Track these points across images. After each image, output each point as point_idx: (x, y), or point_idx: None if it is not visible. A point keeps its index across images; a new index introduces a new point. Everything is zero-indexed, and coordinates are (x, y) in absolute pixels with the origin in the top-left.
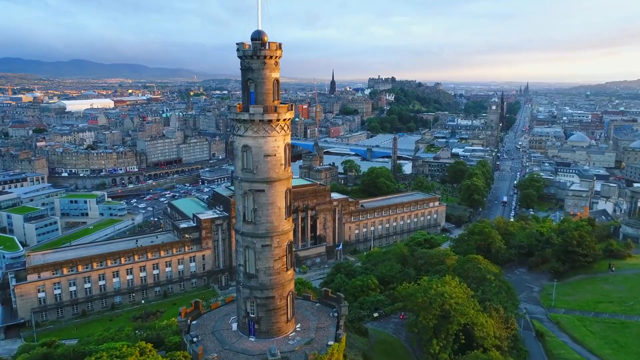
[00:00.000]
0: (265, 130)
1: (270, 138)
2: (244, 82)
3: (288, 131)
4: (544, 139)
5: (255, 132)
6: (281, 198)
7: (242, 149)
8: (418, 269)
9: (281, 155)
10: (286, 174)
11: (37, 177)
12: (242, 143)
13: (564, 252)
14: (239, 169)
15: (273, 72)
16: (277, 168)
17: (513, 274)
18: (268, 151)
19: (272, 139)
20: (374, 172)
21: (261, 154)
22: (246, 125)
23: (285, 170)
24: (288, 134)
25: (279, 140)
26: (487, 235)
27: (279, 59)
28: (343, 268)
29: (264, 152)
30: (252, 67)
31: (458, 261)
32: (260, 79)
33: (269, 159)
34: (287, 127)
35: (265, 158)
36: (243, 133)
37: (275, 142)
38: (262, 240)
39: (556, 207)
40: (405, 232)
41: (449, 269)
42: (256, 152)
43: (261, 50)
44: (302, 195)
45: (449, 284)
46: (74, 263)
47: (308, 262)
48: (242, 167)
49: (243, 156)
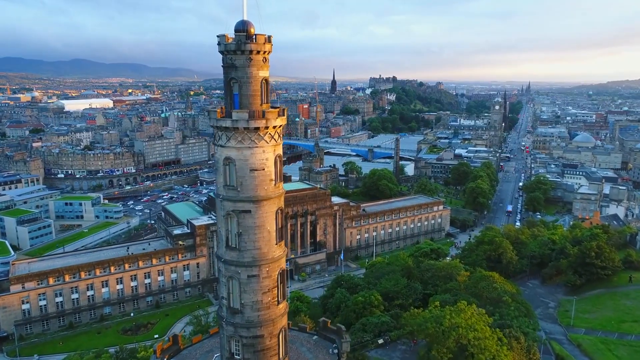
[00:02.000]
0: (251, 140)
1: (257, 149)
2: (226, 82)
3: (279, 140)
4: (548, 139)
5: (239, 142)
6: (271, 220)
7: (224, 162)
8: (425, 282)
9: (271, 170)
10: (277, 191)
11: (32, 178)
12: (224, 155)
13: (581, 265)
14: (221, 186)
15: (261, 70)
16: (266, 184)
17: (526, 287)
18: (255, 164)
19: (260, 150)
20: (375, 174)
21: (247, 168)
22: (228, 133)
23: (275, 186)
24: (279, 143)
25: (268, 152)
26: (498, 245)
27: (268, 54)
28: (344, 281)
29: (250, 165)
30: (236, 64)
31: (470, 278)
32: (246, 78)
33: (256, 173)
34: (278, 135)
35: (252, 173)
36: (225, 143)
37: (263, 154)
38: (248, 270)
39: (563, 211)
40: (409, 237)
41: (460, 287)
42: (241, 166)
43: (246, 43)
44: (302, 200)
45: (465, 312)
46: (61, 272)
47: (307, 269)
48: (224, 183)
49: (225, 170)
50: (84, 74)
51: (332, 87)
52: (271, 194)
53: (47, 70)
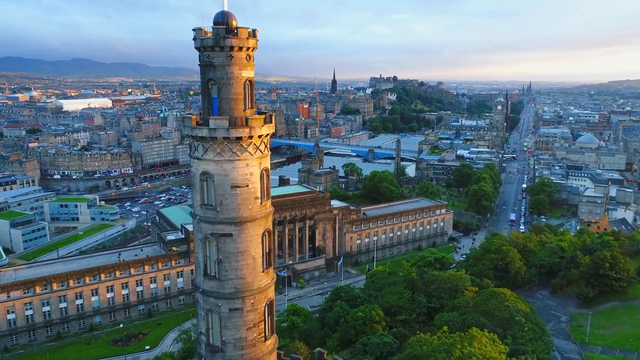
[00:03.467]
0: (232, 152)
1: (239, 162)
2: (203, 83)
3: (266, 152)
4: (551, 140)
5: (218, 154)
6: (256, 244)
7: (201, 178)
8: (429, 295)
9: (256, 186)
10: (263, 211)
11: (27, 179)
12: (201, 169)
13: (595, 276)
14: (198, 205)
15: (244, 69)
16: (251, 203)
17: (535, 298)
18: (237, 180)
19: (243, 164)
20: (376, 176)
21: (227, 184)
22: (205, 144)
23: (262, 205)
24: (266, 155)
25: (253, 165)
26: (505, 254)
27: (252, 51)
28: (344, 293)
29: (232, 181)
30: (214, 62)
31: (479, 295)
32: (226, 79)
33: (239, 191)
34: (264, 146)
35: (234, 190)
36: (202, 155)
37: (247, 168)
38: (229, 303)
39: (569, 214)
40: (410, 242)
41: (469, 304)
42: (220, 182)
43: (226, 38)
44: (300, 204)
45: (478, 339)
46: (48, 280)
47: (306, 275)
48: (201, 202)
49: (202, 187)
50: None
51: (333, 87)
52: (256, 214)
53: (48, 69)
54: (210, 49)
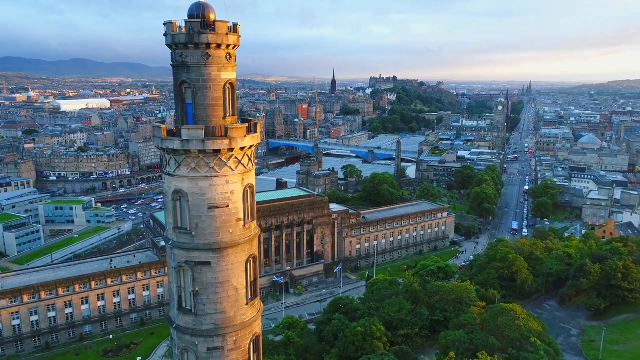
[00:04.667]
0: (209, 167)
1: (218, 178)
2: (176, 86)
3: (250, 166)
4: (552, 140)
5: (193, 170)
6: (238, 272)
7: (174, 197)
8: (432, 307)
9: (238, 206)
10: (246, 234)
11: (22, 181)
12: (173, 187)
13: (606, 286)
14: (170, 228)
15: (223, 70)
16: (232, 226)
17: (542, 309)
18: (215, 200)
19: (222, 180)
20: (376, 178)
21: (203, 204)
22: (178, 157)
23: (245, 227)
24: (249, 170)
25: (234, 182)
26: (511, 262)
27: (234, 48)
28: (342, 304)
29: (209, 201)
30: (188, 62)
31: (487, 311)
32: (202, 81)
33: (217, 212)
34: (248, 159)
35: (211, 211)
36: (173, 171)
37: (226, 185)
38: (208, 341)
39: (572, 217)
40: (411, 246)
41: (476, 321)
42: (195, 202)
43: (201, 34)
44: (298, 208)
45: None
46: (36, 289)
47: (304, 281)
48: (174, 224)
49: (175, 208)
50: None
51: (332, 87)
52: (238, 238)
53: (47, 69)
54: (183, 47)
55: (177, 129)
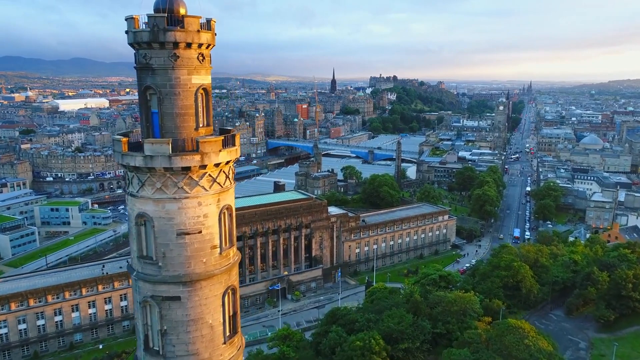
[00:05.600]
0: (177, 187)
1: (188, 201)
2: (140, 92)
3: (229, 184)
4: (554, 141)
5: (158, 191)
6: (214, 308)
7: (137, 221)
8: (434, 319)
9: (213, 231)
10: (224, 263)
11: (19, 182)
12: (137, 210)
13: (616, 297)
14: (134, 257)
15: (195, 73)
16: (206, 255)
17: (549, 320)
18: (185, 225)
19: (194, 202)
20: (376, 180)
21: (172, 230)
22: (141, 176)
23: (222, 256)
24: (227, 189)
25: (208, 204)
26: (516, 271)
27: (208, 48)
28: (340, 316)
29: (178, 227)
30: (152, 64)
31: (494, 327)
32: (169, 87)
33: (188, 239)
34: (225, 176)
35: (181, 238)
36: (137, 191)
37: (199, 208)
38: None
39: (575, 219)
40: (412, 250)
41: (482, 339)
42: (162, 228)
43: (167, 31)
44: (296, 212)
45: None
46: (25, 296)
47: (302, 287)
48: (138, 253)
49: (139, 234)
50: (84, 73)
51: (332, 87)
52: (214, 268)
53: (47, 69)
54: (147, 46)
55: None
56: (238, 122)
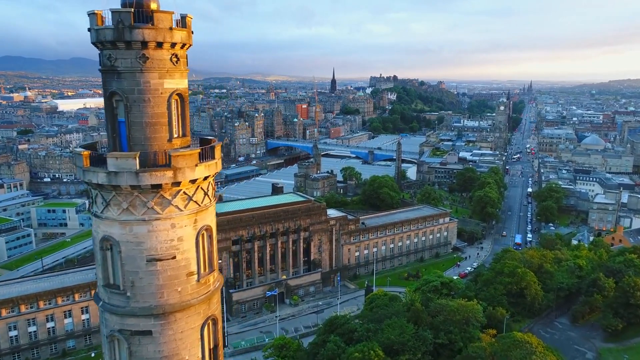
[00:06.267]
0: (147, 207)
1: (159, 222)
2: (105, 99)
3: (208, 202)
4: (555, 141)
5: (125, 212)
6: (191, 342)
7: (103, 245)
8: (436, 328)
9: (189, 256)
10: (203, 291)
11: (15, 183)
12: (102, 233)
13: (623, 305)
14: (100, 285)
15: (168, 77)
16: (181, 283)
17: (554, 329)
18: (157, 250)
19: (166, 225)
20: (376, 181)
21: (141, 256)
22: (106, 195)
23: (201, 283)
24: (206, 208)
25: (183, 225)
26: (520, 277)
27: (184, 48)
28: (338, 326)
29: (148, 252)
30: (118, 66)
31: (499, 341)
32: (137, 93)
33: (160, 266)
34: (204, 193)
35: (152, 265)
36: (101, 211)
37: (172, 231)
38: None
39: (578, 221)
40: (412, 253)
41: (486, 353)
42: (130, 254)
43: (135, 29)
44: (294, 215)
45: None
46: (16, 302)
47: (300, 291)
48: (104, 281)
49: (105, 260)
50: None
51: (332, 87)
52: (191, 298)
53: (47, 69)
54: (111, 46)
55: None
56: (237, 122)
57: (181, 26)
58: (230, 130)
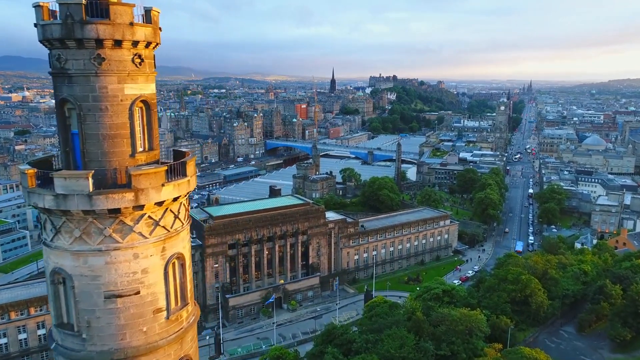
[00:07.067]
0: (104, 235)
1: (119, 253)
2: (57, 107)
3: (179, 226)
4: (556, 141)
5: (78, 240)
6: None
7: (54, 279)
8: (437, 339)
9: (156, 290)
10: (174, 329)
11: (12, 184)
12: (52, 264)
13: (632, 315)
14: (53, 324)
15: (130, 81)
16: (146, 322)
17: (560, 338)
18: (117, 285)
19: (128, 255)
20: (376, 182)
21: (98, 292)
22: (55, 220)
23: (172, 320)
24: (177, 233)
25: (149, 255)
26: (524, 284)
27: (149, 47)
28: (336, 336)
29: (107, 287)
30: (69, 68)
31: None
32: (92, 100)
33: (122, 303)
34: (174, 217)
35: (111, 302)
36: (50, 239)
37: (135, 263)
38: None
39: (580, 223)
40: (412, 256)
41: None
42: (85, 289)
43: (86, 24)
44: (292, 218)
45: None
46: (5, 309)
47: (298, 296)
48: (56, 320)
49: (57, 295)
50: None
51: (332, 86)
52: (159, 338)
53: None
54: (60, 45)
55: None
56: (236, 123)
57: (146, 22)
58: (229, 131)
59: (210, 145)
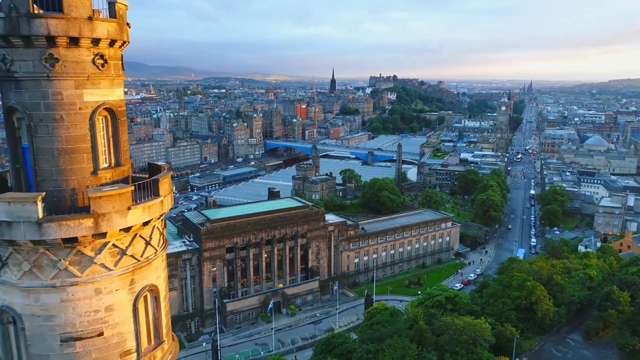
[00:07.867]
0: (59, 269)
1: (78, 288)
2: (5, 116)
3: (153, 254)
4: (557, 142)
5: (28, 275)
6: None
7: (2, 318)
8: (440, 348)
9: (124, 330)
10: None
11: None
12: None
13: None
14: None
15: (90, 86)
16: None
17: (566, 346)
18: (76, 326)
19: (88, 291)
20: (376, 184)
21: (53, 334)
22: (2, 251)
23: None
24: (149, 262)
25: (114, 290)
26: (530, 291)
27: (113, 47)
28: (336, 345)
29: (63, 329)
30: (16, 72)
31: None
32: (45, 108)
33: (82, 347)
34: (146, 242)
35: (69, 346)
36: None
37: (97, 299)
38: None
39: (583, 225)
40: (414, 259)
41: None
42: (38, 332)
43: (34, 18)
44: (291, 221)
45: None
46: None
47: (297, 300)
48: None
49: (6, 337)
50: None
51: (332, 86)
52: None
53: None
54: (5, 43)
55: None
56: (236, 123)
57: (112, 18)
58: (229, 131)
59: (210, 146)
